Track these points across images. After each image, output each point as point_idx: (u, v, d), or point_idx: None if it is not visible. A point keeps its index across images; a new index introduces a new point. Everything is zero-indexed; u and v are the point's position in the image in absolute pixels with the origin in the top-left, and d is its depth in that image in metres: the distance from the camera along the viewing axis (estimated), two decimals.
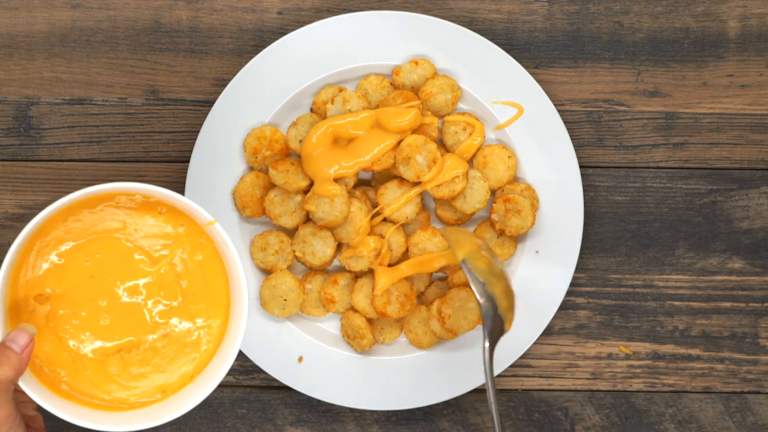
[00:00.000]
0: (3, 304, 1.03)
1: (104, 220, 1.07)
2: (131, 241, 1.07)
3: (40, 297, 1.06)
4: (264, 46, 1.24)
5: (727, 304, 1.28)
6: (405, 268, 1.23)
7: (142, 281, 1.07)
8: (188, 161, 1.25)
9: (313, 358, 1.24)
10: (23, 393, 1.07)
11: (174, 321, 1.07)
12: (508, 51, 1.26)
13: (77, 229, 1.06)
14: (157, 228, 1.08)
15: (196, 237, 1.08)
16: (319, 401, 1.27)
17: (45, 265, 1.06)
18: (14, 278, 1.05)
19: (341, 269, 1.26)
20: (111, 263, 1.07)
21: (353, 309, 1.24)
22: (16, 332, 1.01)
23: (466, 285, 1.23)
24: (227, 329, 1.08)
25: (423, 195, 1.24)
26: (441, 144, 1.25)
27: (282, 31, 1.26)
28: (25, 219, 1.26)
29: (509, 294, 1.16)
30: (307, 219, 1.24)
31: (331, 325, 1.26)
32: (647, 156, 1.28)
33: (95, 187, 1.03)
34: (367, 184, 1.26)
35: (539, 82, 1.26)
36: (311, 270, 1.26)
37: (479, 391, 1.27)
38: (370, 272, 1.24)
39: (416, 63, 1.24)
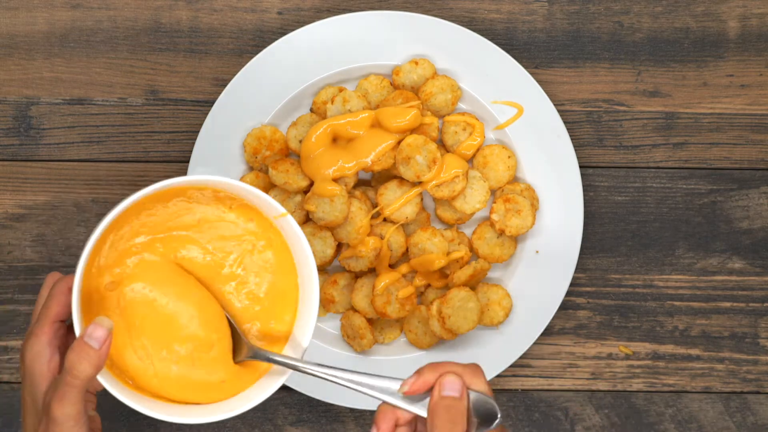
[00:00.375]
0: (78, 299, 1.00)
1: (178, 215, 1.05)
2: (206, 241, 1.06)
3: (111, 284, 1.03)
4: (264, 46, 1.24)
5: (727, 304, 1.28)
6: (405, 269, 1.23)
7: (223, 286, 1.06)
8: (188, 161, 1.25)
9: (313, 358, 1.24)
10: (87, 393, 1.06)
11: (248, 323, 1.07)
12: (508, 51, 1.26)
13: (152, 223, 1.04)
14: (230, 225, 1.06)
15: (266, 232, 1.07)
16: (319, 401, 1.27)
17: (129, 260, 1.04)
18: (87, 272, 1.02)
19: (341, 269, 1.26)
20: (188, 262, 1.05)
21: (353, 309, 1.24)
22: (93, 327, 0.98)
23: (466, 285, 1.23)
24: (294, 326, 1.07)
25: (423, 195, 1.24)
26: (441, 144, 1.25)
27: (282, 31, 1.26)
28: (25, 219, 1.26)
29: None
30: (307, 219, 1.24)
31: (331, 325, 1.26)
32: (647, 156, 1.28)
33: (170, 181, 1.01)
34: (367, 184, 1.26)
35: (539, 82, 1.26)
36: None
37: None
38: (370, 272, 1.24)
39: (416, 63, 1.24)
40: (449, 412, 0.97)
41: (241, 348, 1.05)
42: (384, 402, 1.00)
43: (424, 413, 0.98)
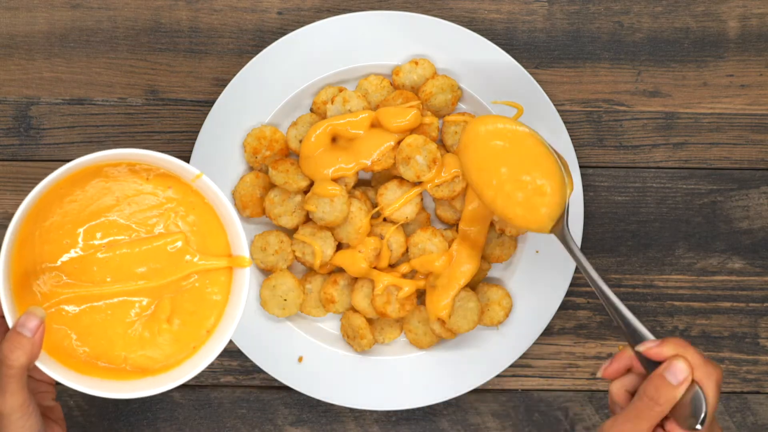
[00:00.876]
0: (8, 292, 1.03)
1: (98, 197, 1.07)
2: (126, 217, 1.07)
3: (44, 296, 1.06)
4: (264, 46, 1.24)
5: (727, 304, 1.28)
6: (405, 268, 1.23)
7: (144, 250, 1.07)
8: (188, 161, 1.25)
9: (313, 358, 1.24)
10: (41, 383, 1.07)
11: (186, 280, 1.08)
12: (508, 51, 1.26)
13: (74, 211, 1.07)
14: (149, 197, 1.08)
15: (186, 197, 1.08)
16: (319, 401, 1.27)
17: (60, 257, 1.06)
18: (17, 264, 1.05)
19: (341, 269, 1.26)
20: (115, 247, 1.07)
21: (353, 309, 1.24)
22: (25, 317, 1.00)
23: (466, 285, 1.23)
24: (233, 280, 1.08)
25: (423, 195, 1.24)
26: (441, 144, 1.25)
27: (282, 31, 1.26)
28: None
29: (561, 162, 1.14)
30: (307, 219, 1.24)
31: (331, 325, 1.26)
32: (647, 156, 1.28)
33: (78, 161, 1.03)
34: (367, 184, 1.26)
35: (539, 82, 1.26)
36: (311, 270, 1.26)
37: (479, 391, 1.27)
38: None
39: (416, 63, 1.24)
40: (657, 391, 1.01)
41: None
42: (630, 346, 1.05)
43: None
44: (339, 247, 1.24)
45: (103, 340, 1.07)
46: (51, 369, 1.03)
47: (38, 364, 1.02)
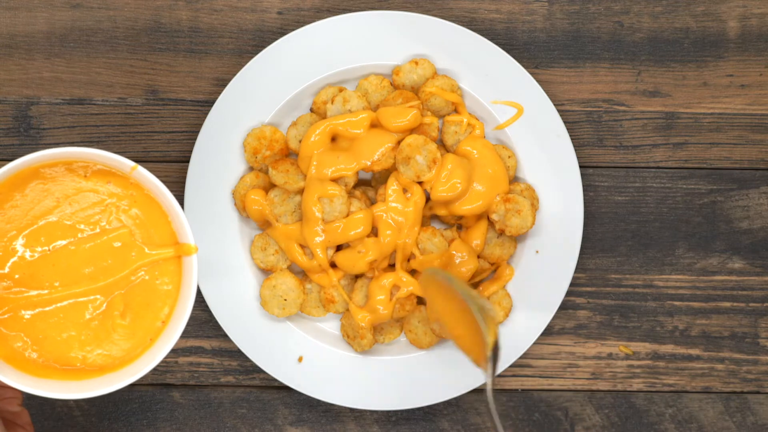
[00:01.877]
0: None
1: (38, 200, 1.07)
2: (69, 217, 1.07)
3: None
4: (264, 46, 1.24)
5: (727, 304, 1.28)
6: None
7: (88, 246, 1.07)
8: (188, 161, 1.25)
9: (313, 358, 1.24)
10: (5, 389, 1.07)
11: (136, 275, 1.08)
12: (508, 51, 1.26)
13: (17, 216, 1.07)
14: (89, 194, 1.08)
15: (126, 190, 1.08)
16: (319, 401, 1.27)
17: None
18: None
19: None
20: (61, 249, 1.07)
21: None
22: None
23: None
24: (182, 268, 1.09)
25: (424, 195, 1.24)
26: (441, 144, 1.25)
27: (282, 31, 1.26)
28: None
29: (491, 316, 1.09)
30: None
31: (331, 325, 1.26)
32: (647, 156, 1.28)
33: (10, 165, 1.03)
34: (367, 184, 1.26)
35: (539, 82, 1.26)
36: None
37: (479, 391, 1.27)
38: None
39: (416, 63, 1.24)
40: None
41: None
42: None
43: None
44: (339, 247, 1.24)
45: (58, 343, 1.07)
46: (6, 375, 1.03)
47: None
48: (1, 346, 1.05)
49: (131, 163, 1.06)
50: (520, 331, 1.24)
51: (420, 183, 1.22)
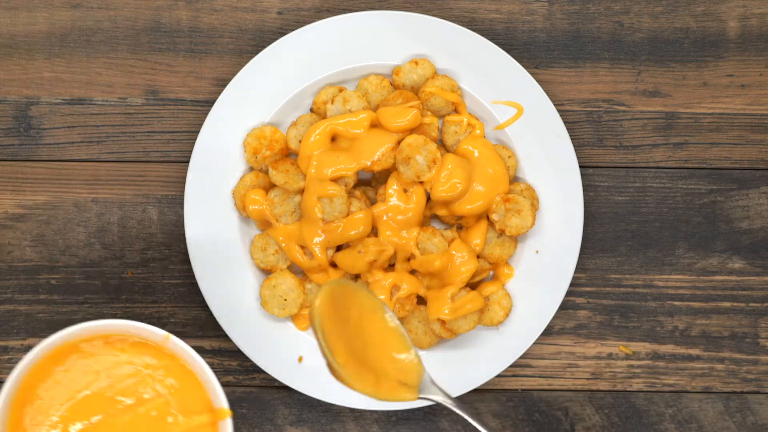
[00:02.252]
0: None
1: (79, 377, 1.09)
2: (106, 389, 1.09)
3: None
4: (264, 46, 1.24)
5: (727, 304, 1.28)
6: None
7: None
8: (188, 161, 1.25)
9: (313, 358, 1.24)
10: None
11: None
12: (508, 51, 1.26)
13: (61, 395, 1.08)
14: (125, 366, 1.09)
15: (161, 360, 1.10)
16: (319, 401, 1.27)
17: None
18: None
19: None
20: (99, 423, 1.09)
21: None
22: None
23: (467, 285, 1.23)
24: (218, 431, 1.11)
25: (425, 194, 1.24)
26: (441, 144, 1.25)
27: (282, 31, 1.26)
28: (25, 219, 1.26)
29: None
30: None
31: None
32: (647, 156, 1.28)
33: (49, 340, 1.06)
34: (367, 184, 1.26)
35: (539, 82, 1.26)
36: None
37: (479, 391, 1.27)
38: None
39: (416, 63, 1.24)
40: None
41: None
42: None
43: None
44: (339, 247, 1.24)
45: None
46: None
47: None
48: None
49: (163, 333, 1.08)
50: (520, 331, 1.24)
51: (420, 183, 1.22)
